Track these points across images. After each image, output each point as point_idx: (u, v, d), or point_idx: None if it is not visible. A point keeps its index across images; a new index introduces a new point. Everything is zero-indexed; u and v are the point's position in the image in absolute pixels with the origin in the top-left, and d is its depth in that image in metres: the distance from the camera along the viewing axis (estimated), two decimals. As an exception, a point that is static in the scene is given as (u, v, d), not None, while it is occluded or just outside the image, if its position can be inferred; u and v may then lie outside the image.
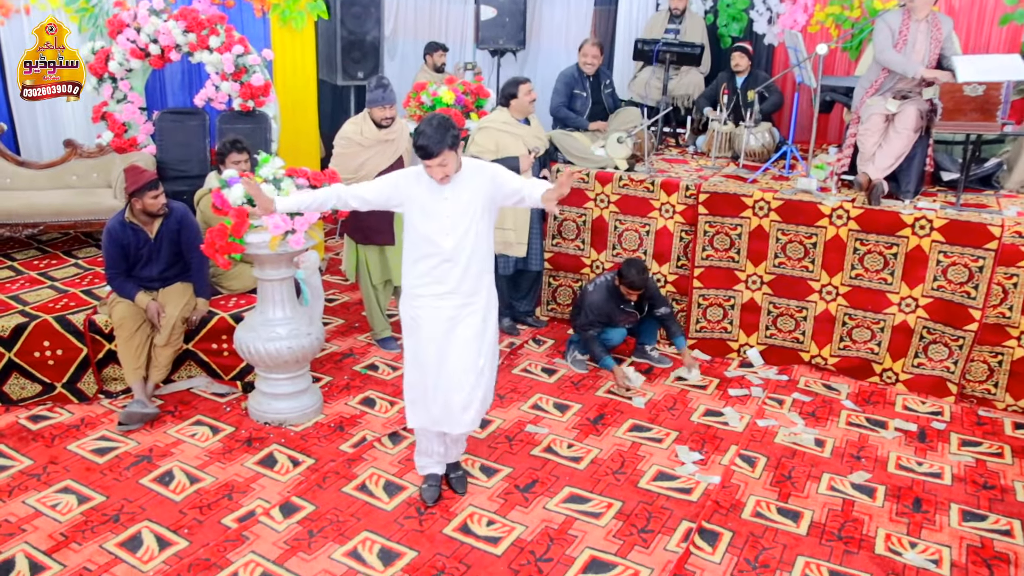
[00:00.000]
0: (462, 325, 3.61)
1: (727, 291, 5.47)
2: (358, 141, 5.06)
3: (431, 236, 3.52)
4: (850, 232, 5.09)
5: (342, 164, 5.06)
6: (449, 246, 3.51)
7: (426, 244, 3.54)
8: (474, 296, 3.62)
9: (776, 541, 3.65)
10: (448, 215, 3.51)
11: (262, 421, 4.57)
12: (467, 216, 3.52)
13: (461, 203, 3.52)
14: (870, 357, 5.21)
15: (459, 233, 3.52)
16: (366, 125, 5.07)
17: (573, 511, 3.84)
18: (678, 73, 7.45)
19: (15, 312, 4.80)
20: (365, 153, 5.07)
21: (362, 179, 4.98)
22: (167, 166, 6.13)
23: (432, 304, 3.60)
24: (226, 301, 5.00)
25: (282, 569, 3.41)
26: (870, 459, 4.35)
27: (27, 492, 3.92)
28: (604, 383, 5.16)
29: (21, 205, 5.74)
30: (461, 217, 3.51)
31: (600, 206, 5.81)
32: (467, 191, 3.53)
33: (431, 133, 3.33)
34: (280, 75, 6.70)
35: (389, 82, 5.06)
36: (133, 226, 4.53)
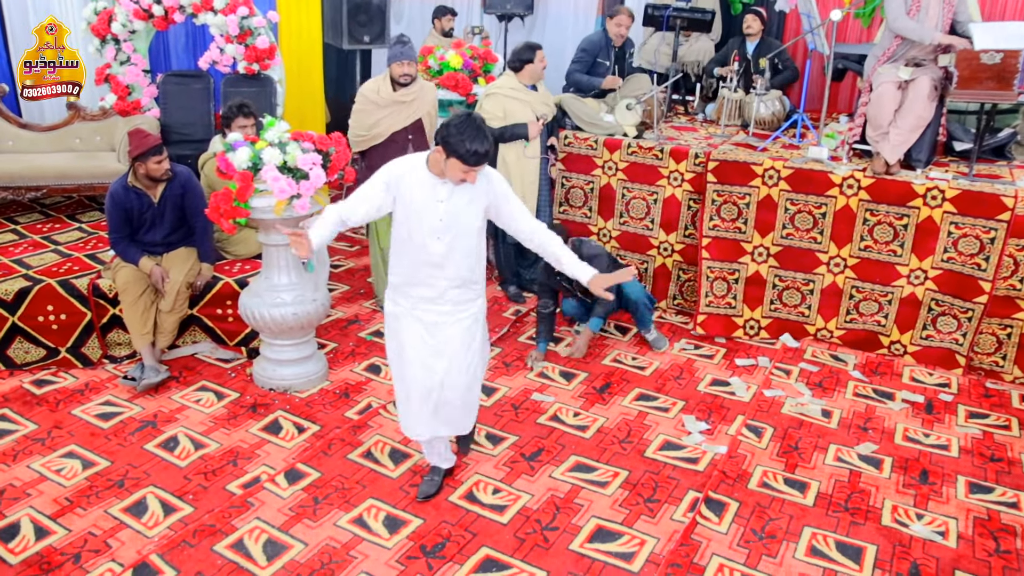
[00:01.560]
0: (451, 330, 3.40)
1: (732, 264, 5.41)
2: (373, 99, 5.05)
3: (420, 239, 3.27)
4: (860, 202, 5.03)
5: (357, 121, 5.09)
6: (439, 251, 3.27)
7: (413, 247, 3.30)
8: (465, 304, 3.42)
9: (783, 512, 3.65)
10: (441, 218, 3.25)
11: (267, 387, 4.56)
12: (462, 221, 3.28)
13: (458, 207, 3.26)
14: (877, 330, 5.17)
15: (451, 238, 3.26)
16: (384, 84, 5.06)
17: (579, 480, 3.84)
18: (688, 40, 7.35)
19: (19, 276, 4.77)
20: (379, 112, 5.03)
21: (375, 137, 4.94)
22: (171, 129, 6.07)
23: (418, 307, 3.39)
24: (231, 266, 4.96)
25: (287, 536, 3.41)
26: (877, 430, 4.33)
27: (31, 456, 3.91)
28: (611, 352, 5.13)
29: (24, 168, 5.68)
30: (455, 221, 3.26)
31: (608, 173, 5.74)
32: (464, 193, 3.27)
33: (486, 140, 3.10)
34: (285, 38, 6.63)
35: (409, 39, 5.06)
36: (137, 190, 4.49)
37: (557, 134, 5.73)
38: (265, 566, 3.23)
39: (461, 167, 3.13)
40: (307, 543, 3.36)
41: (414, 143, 5.07)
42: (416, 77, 5.09)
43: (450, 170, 3.17)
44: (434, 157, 3.22)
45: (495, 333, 5.32)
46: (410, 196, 3.26)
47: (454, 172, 3.16)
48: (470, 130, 3.07)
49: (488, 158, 3.15)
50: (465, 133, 3.06)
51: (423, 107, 5.14)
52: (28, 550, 3.29)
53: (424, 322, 3.39)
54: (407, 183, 3.26)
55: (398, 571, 3.23)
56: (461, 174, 3.16)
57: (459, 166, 3.12)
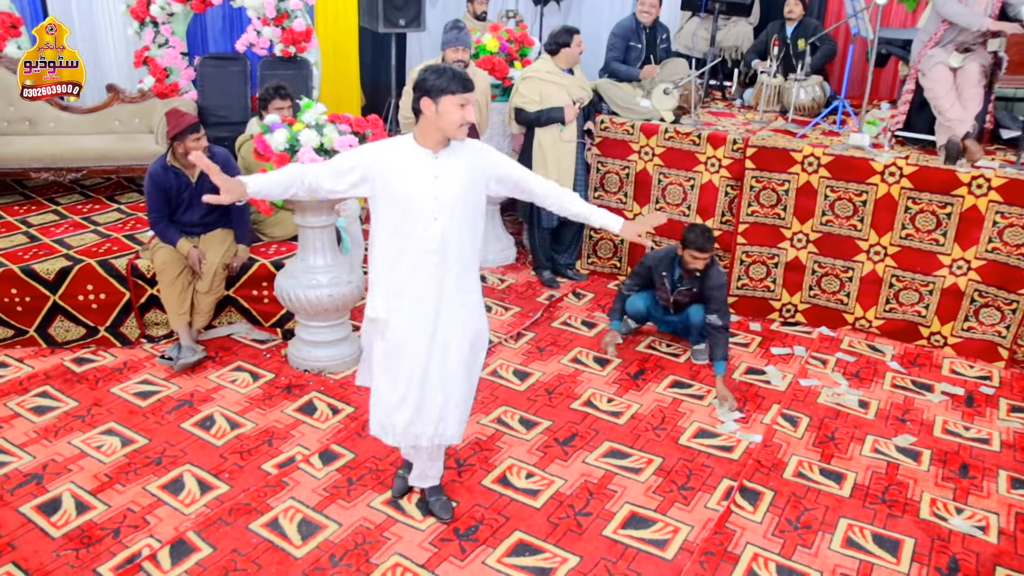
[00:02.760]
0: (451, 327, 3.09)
1: (771, 248, 5.36)
2: None
3: (413, 224, 2.92)
4: (902, 190, 4.94)
5: (407, 103, 5.12)
6: (436, 235, 2.92)
7: (405, 235, 2.94)
8: (466, 295, 3.10)
9: (818, 502, 3.61)
10: (436, 197, 2.90)
11: (302, 368, 4.59)
12: (459, 198, 2.94)
13: (453, 182, 2.92)
14: (917, 320, 5.08)
15: (447, 220, 2.92)
16: None
17: (613, 466, 3.82)
18: (727, 24, 7.25)
19: (60, 256, 4.84)
20: None
21: None
22: (208, 112, 6.11)
23: (412, 308, 3.04)
24: (267, 248, 4.99)
25: (321, 516, 3.43)
26: (915, 422, 4.27)
27: (72, 433, 3.97)
28: (644, 339, 5.10)
29: (65, 149, 5.75)
30: (452, 200, 2.92)
31: (644, 159, 5.69)
32: (460, 167, 2.94)
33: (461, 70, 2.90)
34: (321, 21, 6.64)
35: (464, 25, 5.09)
36: (175, 170, 4.52)
37: (593, 118, 5.68)
38: (300, 545, 3.26)
39: (456, 101, 2.82)
40: (341, 523, 3.38)
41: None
42: (469, 63, 5.09)
43: (446, 118, 2.84)
44: (423, 126, 2.92)
45: (528, 317, 5.31)
46: (399, 178, 2.90)
47: (451, 115, 2.84)
48: (437, 67, 2.89)
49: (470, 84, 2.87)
50: (435, 70, 2.86)
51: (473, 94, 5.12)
52: (70, 524, 3.34)
53: (421, 322, 3.04)
54: (390, 166, 2.92)
55: (431, 553, 3.24)
56: (459, 111, 2.84)
57: (454, 101, 2.82)
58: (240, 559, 3.18)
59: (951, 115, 4.88)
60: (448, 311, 3.06)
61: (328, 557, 3.20)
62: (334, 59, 6.67)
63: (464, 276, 3.06)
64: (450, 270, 3.00)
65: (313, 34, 6.24)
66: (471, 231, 3.03)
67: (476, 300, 3.16)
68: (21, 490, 3.54)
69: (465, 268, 3.06)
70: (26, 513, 3.39)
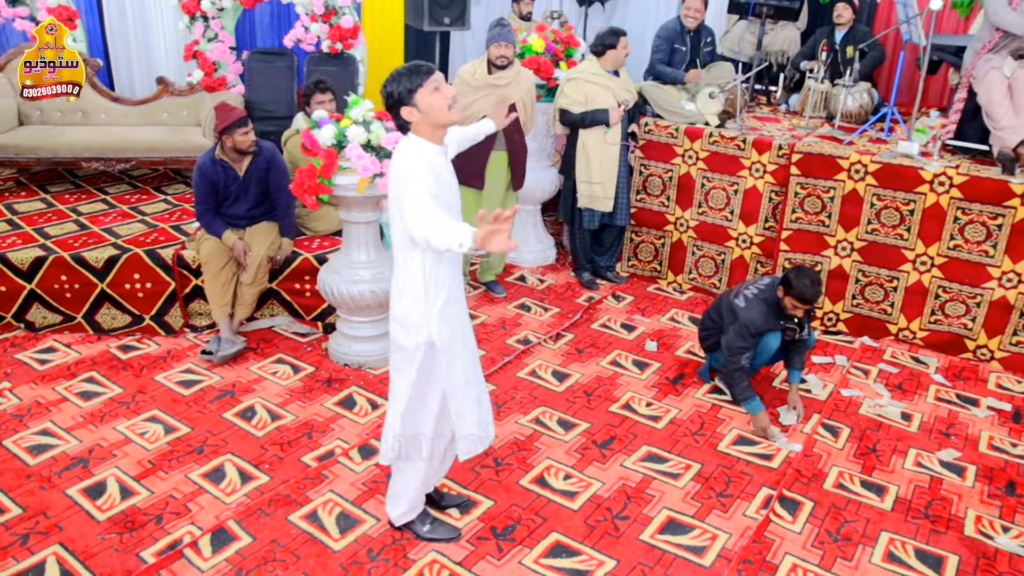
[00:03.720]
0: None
1: (815, 256, 5.30)
2: (469, 81, 5.13)
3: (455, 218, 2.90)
4: (952, 200, 4.85)
5: None
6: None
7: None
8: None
9: (859, 514, 3.56)
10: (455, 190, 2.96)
11: (342, 362, 4.62)
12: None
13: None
14: (963, 332, 5.00)
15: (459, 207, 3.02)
16: (480, 67, 5.14)
17: (651, 470, 3.80)
18: (773, 28, 7.18)
19: (108, 244, 4.93)
20: (473, 94, 5.09)
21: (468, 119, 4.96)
22: (255, 106, 6.19)
23: (461, 311, 3.03)
24: (310, 242, 5.04)
25: (360, 510, 3.45)
26: (960, 437, 4.20)
27: (117, 419, 4.04)
28: (684, 343, 5.07)
29: (115, 140, 5.86)
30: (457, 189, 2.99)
31: (688, 162, 5.66)
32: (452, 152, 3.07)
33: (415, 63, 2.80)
34: (368, 18, 6.69)
35: (509, 23, 5.12)
36: (223, 163, 4.58)
37: (638, 121, 5.66)
38: (338, 538, 3.29)
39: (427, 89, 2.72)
40: (379, 518, 3.40)
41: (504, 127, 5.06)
42: (513, 61, 5.11)
43: (432, 111, 2.74)
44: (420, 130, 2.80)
45: (567, 318, 5.30)
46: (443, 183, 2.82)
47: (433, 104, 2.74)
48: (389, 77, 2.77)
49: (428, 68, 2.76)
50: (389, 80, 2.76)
51: (517, 92, 5.14)
52: (114, 508, 3.40)
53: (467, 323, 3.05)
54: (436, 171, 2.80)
55: (468, 551, 3.24)
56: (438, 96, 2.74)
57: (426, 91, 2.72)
58: (279, 550, 3.21)
59: (1004, 123, 4.79)
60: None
61: (366, 551, 3.22)
62: (379, 56, 6.72)
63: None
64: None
65: (360, 31, 6.28)
66: None
67: None
68: (68, 473, 3.61)
69: None
70: (72, 496, 3.46)
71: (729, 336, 4.17)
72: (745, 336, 4.11)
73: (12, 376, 4.37)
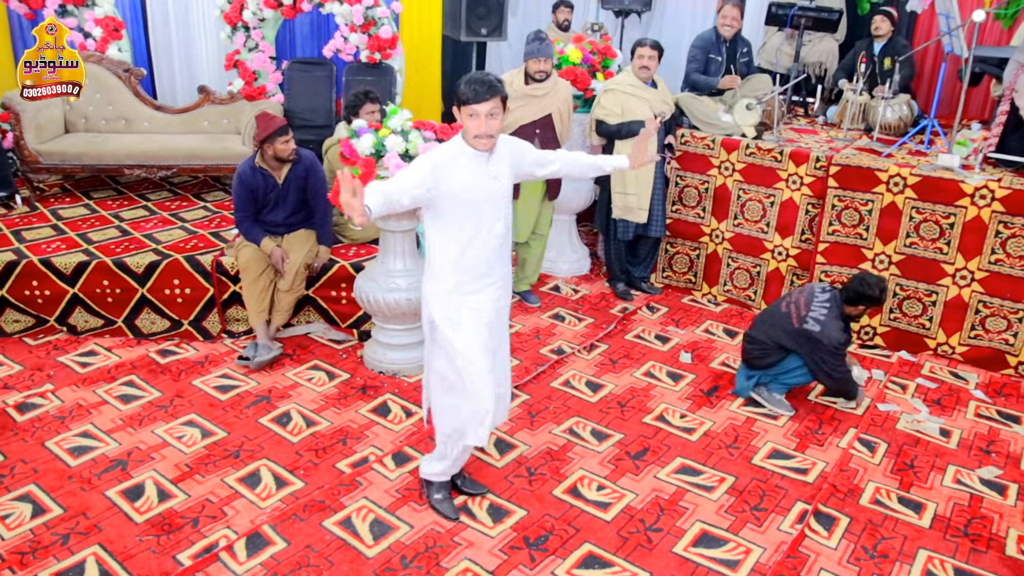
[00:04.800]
0: (502, 311, 3.30)
1: (851, 269, 5.24)
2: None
3: (482, 221, 3.07)
4: (993, 214, 4.78)
5: None
6: (501, 230, 3.13)
7: (475, 233, 3.07)
8: (508, 278, 3.31)
9: (896, 531, 3.51)
10: (500, 195, 3.10)
11: (377, 370, 4.66)
12: (509, 193, 3.17)
13: (504, 180, 3.12)
14: (1004, 348, 4.92)
15: (506, 213, 3.16)
16: (518, 77, 5.16)
17: (684, 482, 3.78)
18: (811, 40, 7.13)
19: (149, 250, 5.01)
20: (511, 104, 5.08)
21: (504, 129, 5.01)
22: (294, 115, 6.27)
23: (478, 299, 3.17)
24: (347, 250, 5.09)
25: (393, 517, 3.47)
26: (1001, 454, 4.13)
27: (156, 423, 4.10)
28: (719, 354, 5.04)
29: (158, 148, 5.96)
30: (506, 196, 3.14)
31: (724, 174, 5.63)
32: (504, 165, 3.12)
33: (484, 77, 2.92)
34: (407, 28, 6.75)
35: (547, 36, 5.12)
36: (263, 171, 4.64)
37: (675, 132, 5.65)
38: (371, 545, 3.31)
39: (466, 111, 2.92)
40: (412, 526, 3.42)
41: (540, 138, 5.09)
42: (551, 74, 5.12)
43: (467, 128, 2.97)
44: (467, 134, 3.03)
45: (601, 329, 5.30)
46: (460, 183, 3.00)
47: (464, 124, 2.97)
48: (469, 75, 2.95)
49: (485, 92, 2.88)
50: (466, 79, 2.93)
51: (554, 103, 5.16)
52: (152, 510, 3.45)
53: (487, 310, 3.19)
54: (451, 171, 3.00)
55: (500, 560, 3.25)
56: (471, 121, 2.93)
57: (466, 112, 2.93)
58: (313, 555, 3.24)
59: None
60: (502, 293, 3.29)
61: (399, 558, 3.24)
62: (417, 66, 6.78)
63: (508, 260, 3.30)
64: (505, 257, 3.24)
65: (398, 41, 6.35)
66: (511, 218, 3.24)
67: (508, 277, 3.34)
68: (107, 475, 3.67)
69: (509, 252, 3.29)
70: (112, 497, 3.52)
71: (824, 363, 4.25)
72: (837, 354, 4.25)
73: (54, 378, 4.46)
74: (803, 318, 4.26)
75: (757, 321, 4.53)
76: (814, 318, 4.23)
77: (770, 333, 4.38)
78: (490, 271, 3.18)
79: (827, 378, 4.31)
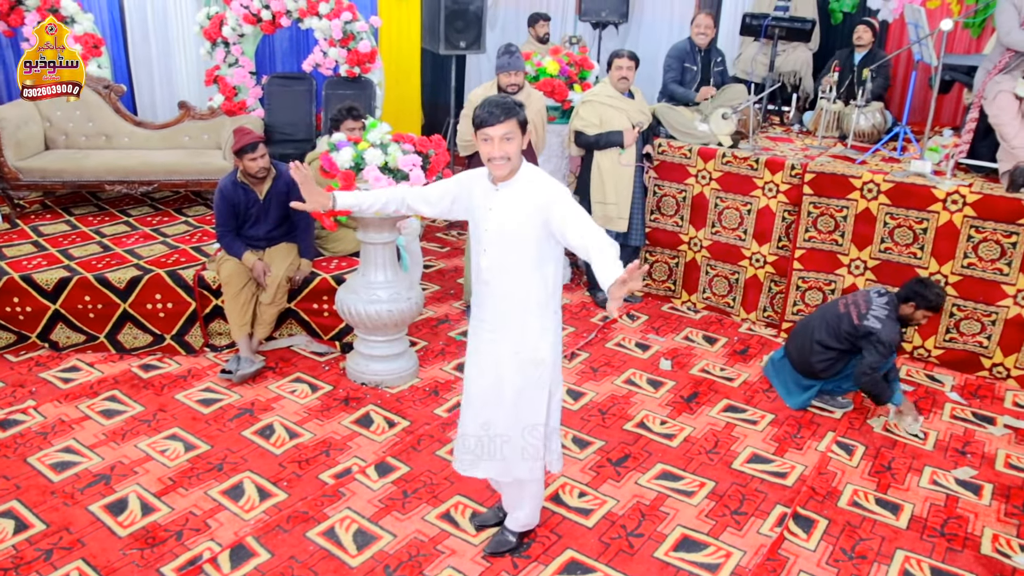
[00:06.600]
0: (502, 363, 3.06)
1: (828, 275, 5.32)
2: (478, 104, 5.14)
3: (476, 248, 3.02)
4: (965, 218, 4.87)
5: (465, 126, 5.16)
6: (485, 264, 2.97)
7: (475, 259, 3.05)
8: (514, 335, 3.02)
9: (874, 532, 3.56)
10: (487, 228, 2.94)
11: (359, 381, 4.68)
12: (514, 235, 2.89)
13: (506, 216, 2.90)
14: (978, 351, 5.00)
15: (497, 252, 2.94)
16: (491, 91, 5.16)
17: (665, 488, 3.82)
18: (785, 50, 7.23)
19: (131, 265, 5.02)
20: None
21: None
22: (274, 129, 6.29)
23: (475, 338, 3.15)
24: (328, 263, 5.11)
25: (376, 527, 3.49)
26: (976, 455, 4.19)
27: (139, 437, 4.11)
28: (698, 361, 5.10)
29: (138, 163, 5.97)
30: (502, 233, 2.91)
31: (701, 183, 5.70)
32: (520, 204, 2.88)
33: (498, 101, 2.87)
34: (385, 42, 6.80)
35: (517, 49, 5.11)
36: (244, 186, 4.67)
37: (652, 142, 5.72)
38: (355, 555, 3.32)
39: (481, 136, 2.86)
40: (396, 535, 3.44)
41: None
42: (523, 86, 5.15)
43: (481, 152, 2.90)
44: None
45: (582, 338, 5.34)
46: (473, 206, 3.02)
47: (482, 150, 2.88)
48: (492, 99, 2.89)
49: (500, 115, 2.81)
50: (486, 102, 2.88)
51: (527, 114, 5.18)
52: (135, 524, 3.46)
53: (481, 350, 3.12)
54: (474, 193, 3.02)
55: (483, 568, 3.27)
56: (483, 146, 2.86)
57: (480, 136, 2.87)
58: (297, 566, 3.25)
59: (1016, 142, 4.81)
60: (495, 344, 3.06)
61: (383, 568, 3.26)
62: (396, 80, 6.83)
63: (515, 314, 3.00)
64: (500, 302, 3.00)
65: (377, 55, 6.39)
66: (526, 267, 2.94)
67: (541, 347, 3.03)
68: (90, 490, 3.67)
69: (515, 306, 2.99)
70: (95, 512, 3.52)
71: (869, 356, 4.30)
72: (885, 353, 4.30)
73: (36, 395, 4.45)
74: (863, 315, 4.36)
75: (813, 327, 4.53)
76: (875, 316, 4.34)
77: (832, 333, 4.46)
78: (480, 309, 3.08)
79: (865, 372, 4.31)
